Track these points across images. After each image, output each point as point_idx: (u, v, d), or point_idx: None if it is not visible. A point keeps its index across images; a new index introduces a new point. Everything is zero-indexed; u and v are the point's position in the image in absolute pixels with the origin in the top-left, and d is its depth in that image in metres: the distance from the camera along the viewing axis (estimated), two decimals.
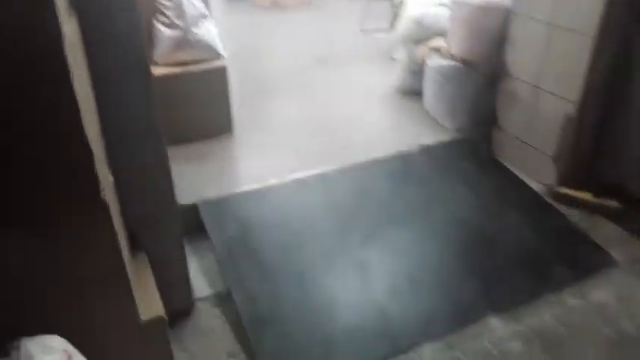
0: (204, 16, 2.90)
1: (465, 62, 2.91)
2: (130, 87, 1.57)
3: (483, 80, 2.94)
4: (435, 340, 1.90)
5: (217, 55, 2.96)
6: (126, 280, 1.39)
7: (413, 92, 3.44)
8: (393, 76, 3.60)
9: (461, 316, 2.00)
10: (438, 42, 3.07)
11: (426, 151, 2.91)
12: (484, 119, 3.02)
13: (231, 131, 3.08)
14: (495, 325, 1.96)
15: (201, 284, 2.16)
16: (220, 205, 2.48)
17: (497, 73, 2.89)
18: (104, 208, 1.28)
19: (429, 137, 3.01)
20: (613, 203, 2.48)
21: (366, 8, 4.64)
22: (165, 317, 1.53)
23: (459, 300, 2.07)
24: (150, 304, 1.53)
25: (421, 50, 3.21)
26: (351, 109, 3.40)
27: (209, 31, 2.95)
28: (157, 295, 1.58)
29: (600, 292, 2.09)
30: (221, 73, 2.94)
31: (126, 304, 1.42)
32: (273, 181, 2.65)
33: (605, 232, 2.39)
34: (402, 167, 2.80)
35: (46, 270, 1.23)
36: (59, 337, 1.15)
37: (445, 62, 2.98)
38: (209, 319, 2.02)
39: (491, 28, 2.80)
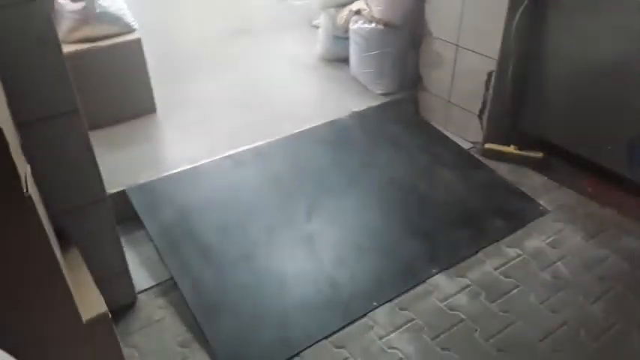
0: None
1: (387, 25, 2.89)
2: (40, 65, 1.40)
3: (407, 42, 2.95)
4: (386, 303, 1.92)
5: (129, 29, 2.73)
6: (62, 279, 1.26)
7: (337, 59, 3.39)
8: (316, 44, 3.53)
9: (408, 277, 2.03)
10: (360, 5, 3.03)
11: (357, 117, 2.90)
12: (410, 81, 3.05)
13: (153, 110, 2.89)
14: (442, 282, 2.01)
15: (141, 276, 2.03)
16: (152, 190, 2.33)
17: (419, 35, 2.92)
18: (28, 203, 1.14)
19: (358, 103, 2.99)
20: (537, 154, 2.60)
21: None
22: (109, 313, 1.42)
23: (404, 261, 2.10)
24: (90, 302, 1.40)
25: (343, 15, 3.16)
26: (277, 81, 3.30)
27: (115, 2, 2.72)
28: (96, 292, 1.46)
29: (534, 239, 2.20)
30: (135, 48, 2.72)
31: (65, 305, 1.29)
32: (205, 160, 2.53)
33: (532, 183, 2.51)
34: (335, 135, 2.77)
35: None
36: None
37: (368, 26, 2.95)
38: (154, 310, 1.91)
39: None
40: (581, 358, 1.73)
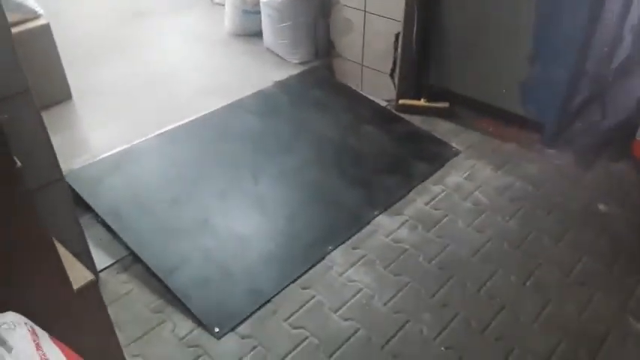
0: None
1: None
2: None
3: (317, 11, 3.12)
4: (340, 245, 2.12)
5: (33, 14, 2.63)
6: (54, 250, 1.30)
7: (248, 33, 3.48)
8: (223, 20, 3.58)
9: (355, 221, 2.24)
10: None
11: (280, 86, 3.04)
12: (323, 49, 3.24)
13: (69, 97, 2.82)
14: (384, 221, 2.25)
15: (97, 256, 2.03)
16: (90, 173, 2.32)
17: (328, 3, 3.10)
18: (18, 174, 1.17)
19: (278, 73, 3.13)
20: (444, 104, 2.92)
21: None
22: (97, 280, 1.46)
23: (349, 209, 2.30)
24: (76, 272, 1.44)
25: None
26: (192, 58, 3.33)
27: None
28: (78, 263, 1.49)
29: (453, 176, 2.51)
30: (44, 33, 2.64)
31: (57, 276, 1.33)
32: (138, 140, 2.54)
33: (443, 129, 2.83)
34: (263, 104, 2.89)
35: None
36: (12, 312, 1.06)
37: None
38: (120, 285, 1.95)
39: None
40: (507, 265, 2.06)
